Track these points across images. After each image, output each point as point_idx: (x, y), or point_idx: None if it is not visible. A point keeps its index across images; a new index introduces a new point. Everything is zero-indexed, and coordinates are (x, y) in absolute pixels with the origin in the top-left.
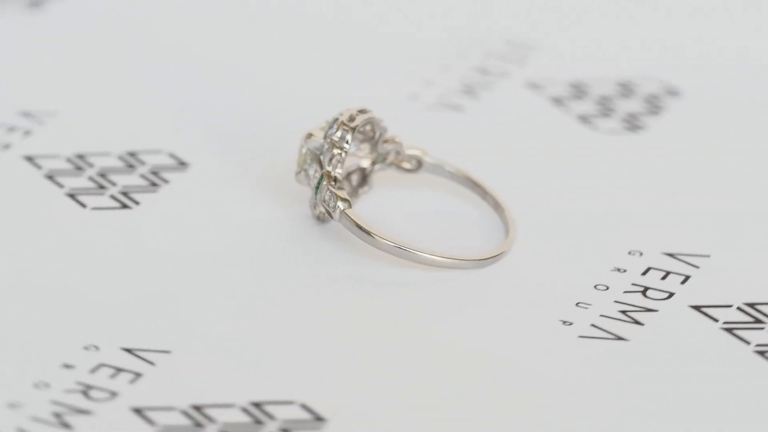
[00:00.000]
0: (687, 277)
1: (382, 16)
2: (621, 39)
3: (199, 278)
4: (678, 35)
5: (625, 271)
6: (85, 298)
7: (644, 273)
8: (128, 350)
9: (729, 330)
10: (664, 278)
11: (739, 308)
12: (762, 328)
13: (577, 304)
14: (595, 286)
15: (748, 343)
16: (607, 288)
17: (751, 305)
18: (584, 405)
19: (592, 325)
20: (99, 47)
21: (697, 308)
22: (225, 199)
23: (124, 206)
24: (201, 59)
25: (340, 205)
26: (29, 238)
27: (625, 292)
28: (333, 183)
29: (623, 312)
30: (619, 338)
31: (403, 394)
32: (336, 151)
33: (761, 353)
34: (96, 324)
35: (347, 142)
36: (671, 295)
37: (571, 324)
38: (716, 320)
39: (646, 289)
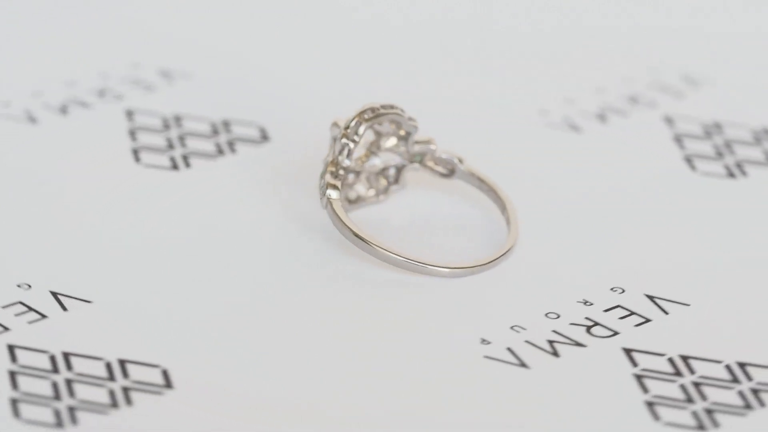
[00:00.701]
0: (646, 321)
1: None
2: None
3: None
4: None
5: (591, 304)
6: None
7: (607, 310)
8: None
9: (638, 377)
10: (622, 318)
11: (670, 359)
12: (674, 381)
13: (512, 328)
14: (546, 314)
15: (646, 391)
16: (558, 317)
17: (685, 358)
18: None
19: (508, 348)
20: None
21: (627, 351)
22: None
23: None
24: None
25: (330, 193)
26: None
27: (571, 323)
28: (334, 171)
29: (550, 342)
30: (523, 365)
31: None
32: (344, 141)
33: (650, 404)
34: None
35: (357, 134)
36: (615, 334)
37: (489, 343)
38: (636, 365)
39: (595, 324)
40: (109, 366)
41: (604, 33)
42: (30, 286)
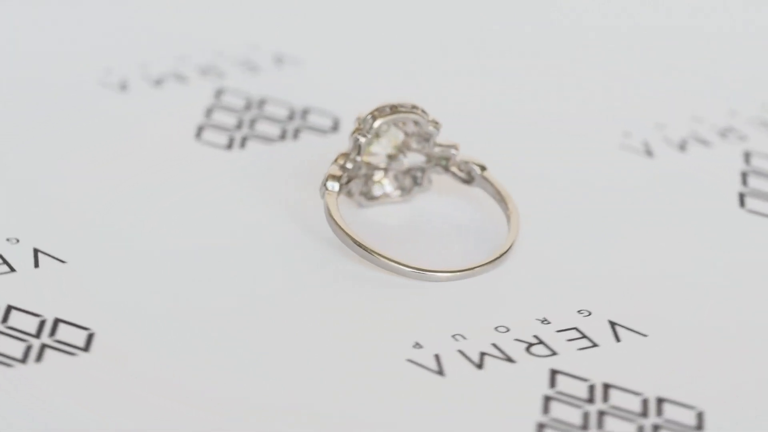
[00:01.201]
0: (593, 345)
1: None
2: None
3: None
4: None
5: (548, 323)
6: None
7: (560, 330)
8: None
9: (547, 398)
10: (570, 340)
11: (591, 385)
12: (579, 407)
13: (453, 336)
14: (496, 328)
15: (545, 412)
16: (507, 330)
17: (607, 386)
18: None
19: (435, 355)
20: None
21: (554, 372)
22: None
23: None
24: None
25: (329, 184)
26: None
27: (516, 339)
28: (342, 164)
29: (483, 353)
30: (440, 373)
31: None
32: (356, 135)
33: (540, 425)
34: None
35: (369, 129)
36: (553, 354)
37: (421, 347)
38: (552, 386)
39: (539, 343)
40: None
41: (728, 61)
42: None
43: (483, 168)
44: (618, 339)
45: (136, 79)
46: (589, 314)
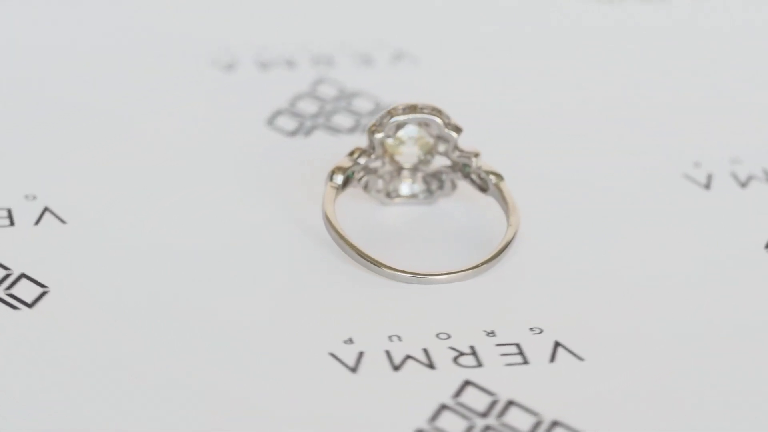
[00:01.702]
0: (524, 363)
1: None
2: None
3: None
4: None
5: (493, 335)
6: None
7: (500, 344)
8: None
9: (443, 407)
10: (504, 354)
11: (494, 401)
12: (469, 419)
13: (389, 337)
14: (437, 334)
15: (432, 420)
16: (448, 337)
17: (509, 403)
18: None
19: (359, 353)
20: None
21: (465, 383)
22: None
23: None
24: None
25: (335, 177)
26: None
27: (450, 347)
28: (354, 157)
29: (408, 356)
30: (351, 370)
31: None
32: (371, 130)
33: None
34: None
35: (381, 128)
36: (478, 366)
37: (351, 342)
38: (455, 396)
39: (471, 354)
40: None
41: None
42: None
43: (499, 178)
44: (553, 359)
45: (247, 61)
46: (541, 332)
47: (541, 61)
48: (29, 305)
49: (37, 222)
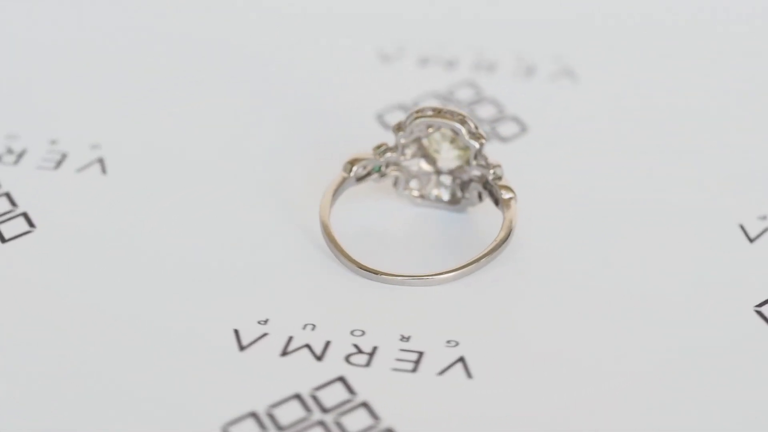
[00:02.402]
0: (412, 371)
1: None
2: None
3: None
4: None
5: (406, 340)
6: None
7: (405, 350)
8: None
9: (297, 396)
10: (398, 360)
11: (348, 399)
12: (308, 410)
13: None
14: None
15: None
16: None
17: (364, 405)
18: None
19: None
20: None
21: (339, 379)
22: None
23: None
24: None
25: (350, 168)
26: None
27: (354, 344)
28: (381, 152)
29: (307, 345)
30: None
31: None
32: (395, 129)
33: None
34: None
35: (402, 129)
36: (366, 365)
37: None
38: (315, 388)
39: (371, 354)
40: None
41: None
42: None
43: (509, 195)
44: (442, 373)
45: (403, 56)
46: (456, 344)
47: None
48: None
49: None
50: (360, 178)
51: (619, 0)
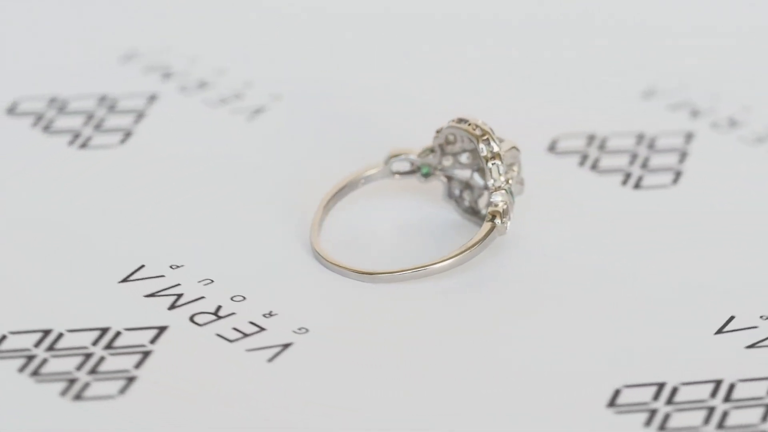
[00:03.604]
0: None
1: None
2: None
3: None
4: None
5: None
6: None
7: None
8: None
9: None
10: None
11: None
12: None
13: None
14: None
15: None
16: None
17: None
18: None
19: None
20: None
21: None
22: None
23: None
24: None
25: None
26: None
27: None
28: (435, 152)
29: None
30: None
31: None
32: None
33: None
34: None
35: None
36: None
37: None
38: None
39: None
40: None
41: None
42: None
43: (493, 217)
44: (272, 360)
45: None
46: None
47: None
48: None
49: None
50: (401, 174)
51: None
